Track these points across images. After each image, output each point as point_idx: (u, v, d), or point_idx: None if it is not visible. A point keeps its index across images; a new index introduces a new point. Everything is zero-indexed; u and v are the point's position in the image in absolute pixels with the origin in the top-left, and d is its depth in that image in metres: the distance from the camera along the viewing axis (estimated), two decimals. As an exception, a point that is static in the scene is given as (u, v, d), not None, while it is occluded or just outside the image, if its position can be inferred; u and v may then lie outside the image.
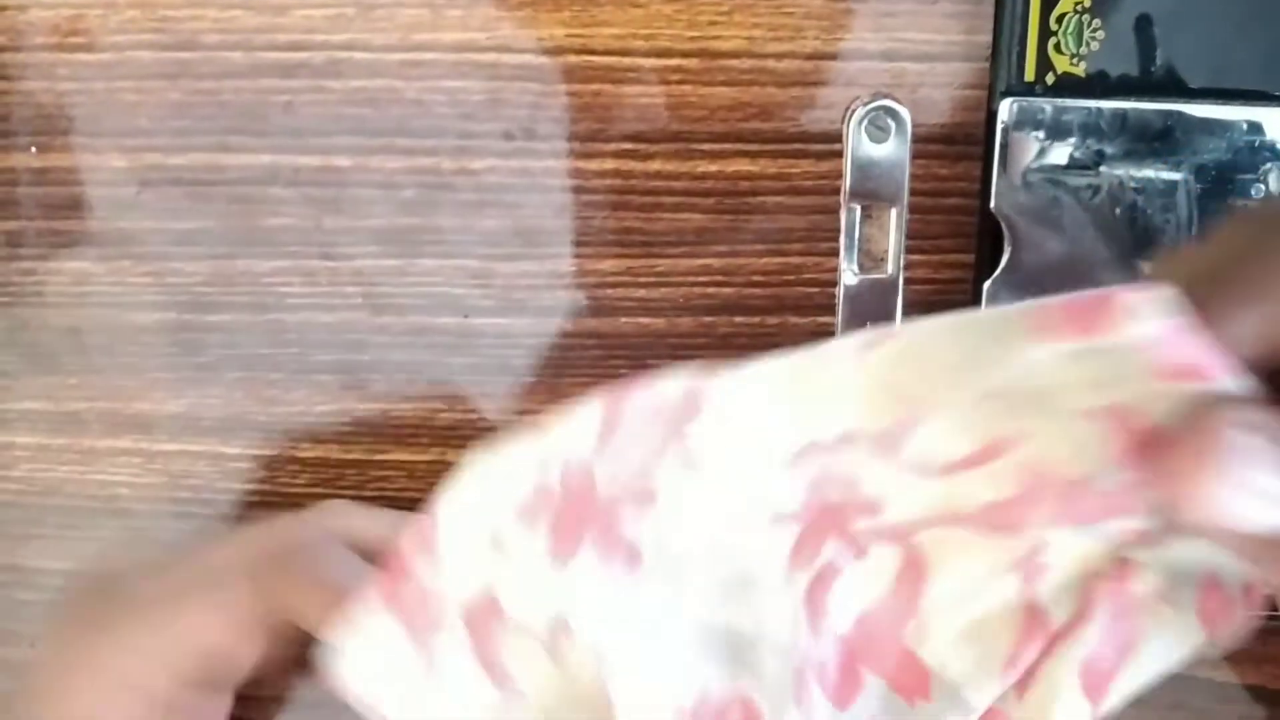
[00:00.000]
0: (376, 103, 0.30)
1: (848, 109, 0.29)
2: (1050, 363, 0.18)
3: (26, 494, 0.33)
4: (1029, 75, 0.29)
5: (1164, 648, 0.20)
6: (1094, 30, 0.28)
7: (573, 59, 0.29)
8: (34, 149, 0.31)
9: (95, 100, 0.30)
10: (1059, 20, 0.28)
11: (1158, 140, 0.29)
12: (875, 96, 0.29)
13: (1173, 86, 0.28)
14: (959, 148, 0.29)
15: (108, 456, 0.32)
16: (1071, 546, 0.20)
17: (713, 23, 0.29)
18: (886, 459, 0.20)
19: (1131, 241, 0.30)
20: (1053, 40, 0.28)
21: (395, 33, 0.29)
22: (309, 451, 0.32)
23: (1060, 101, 0.28)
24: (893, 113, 0.29)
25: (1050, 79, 0.28)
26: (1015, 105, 0.28)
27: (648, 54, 0.29)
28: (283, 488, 0.32)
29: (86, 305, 0.31)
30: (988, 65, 0.29)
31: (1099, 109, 0.29)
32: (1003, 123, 0.29)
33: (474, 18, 0.29)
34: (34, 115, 0.30)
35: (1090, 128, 0.29)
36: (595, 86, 0.29)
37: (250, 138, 0.30)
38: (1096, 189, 0.29)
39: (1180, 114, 0.29)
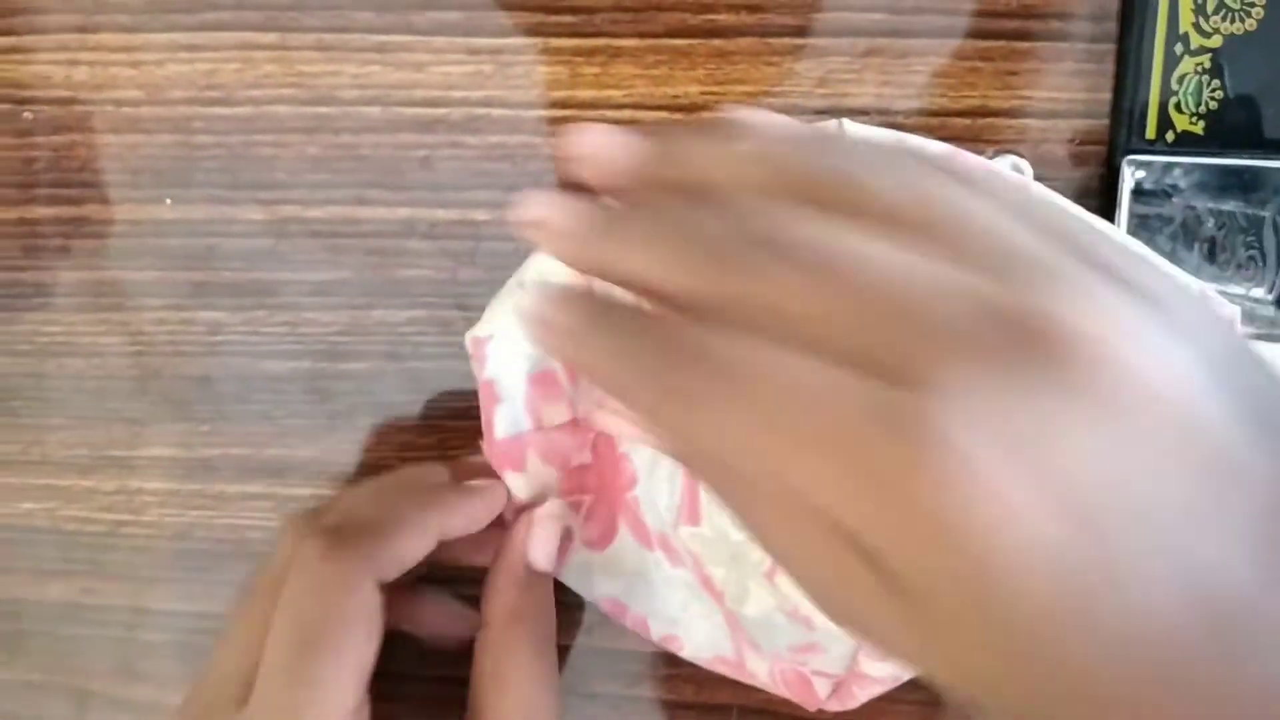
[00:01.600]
0: (514, 158, 0.30)
1: (972, 164, 0.30)
2: None
3: (156, 538, 0.33)
4: (1150, 133, 0.30)
5: None
6: (1213, 90, 0.29)
7: (707, 115, 0.30)
8: (169, 200, 0.31)
9: (232, 153, 0.31)
10: (1179, 80, 0.29)
11: (1266, 188, 0.30)
12: (999, 151, 0.30)
13: (1286, 143, 0.30)
14: (1080, 201, 0.30)
15: (238, 501, 0.33)
16: None
17: (844, 80, 0.30)
18: None
19: (1237, 277, 0.31)
20: (1173, 99, 0.29)
21: (533, 89, 0.30)
22: (439, 495, 0.32)
23: (1178, 159, 0.30)
24: (1016, 167, 0.30)
25: (1170, 136, 0.30)
26: (1136, 162, 0.30)
27: (779, 110, 0.30)
28: (413, 531, 0.33)
29: (220, 354, 0.32)
30: (1108, 122, 0.30)
31: (1216, 166, 0.30)
32: (1124, 178, 0.30)
33: (610, 75, 0.30)
34: (170, 168, 0.31)
35: (1203, 177, 0.30)
36: (728, 142, 0.30)
37: (387, 191, 0.31)
38: (1213, 239, 0.30)
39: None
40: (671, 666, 0.33)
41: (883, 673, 0.28)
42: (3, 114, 0.31)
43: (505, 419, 0.29)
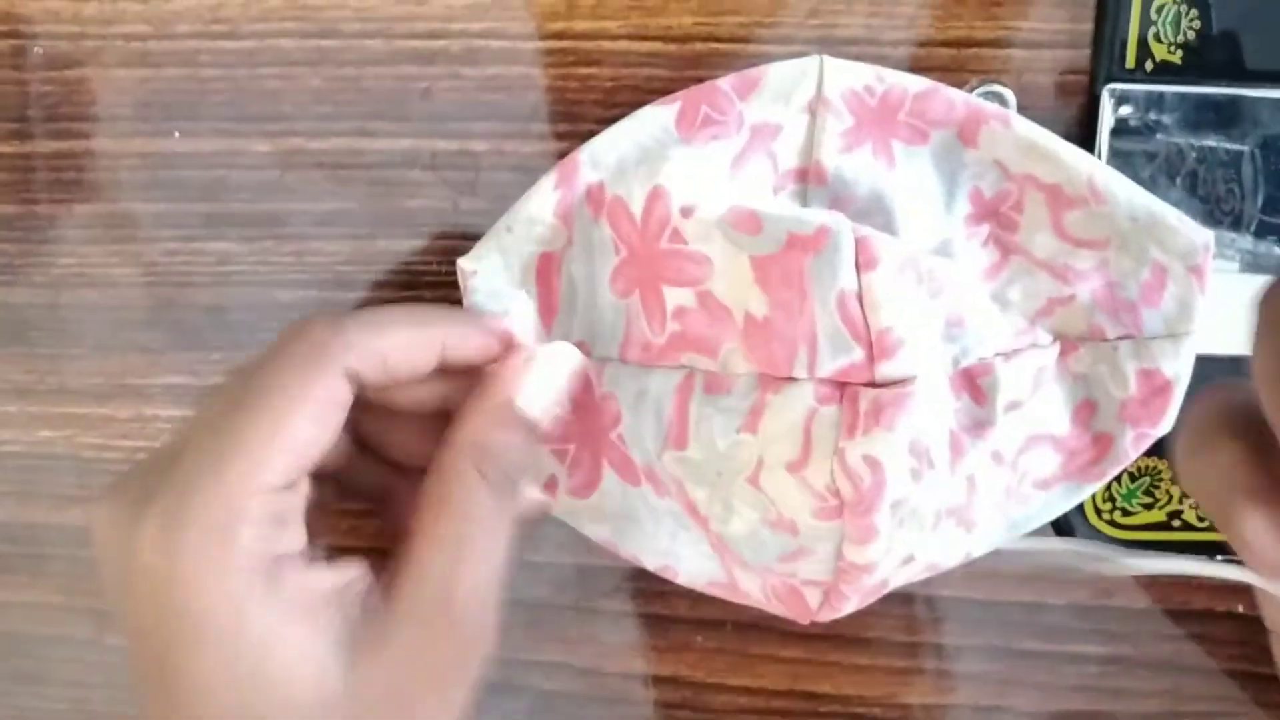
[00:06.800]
0: (512, 89, 0.31)
1: (959, 94, 0.31)
2: None
3: (171, 462, 0.35)
4: (1129, 62, 0.30)
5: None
6: (1191, 20, 0.30)
7: (700, 46, 0.31)
8: (178, 134, 0.32)
9: (238, 86, 0.32)
10: (1158, 10, 0.30)
11: (1245, 122, 0.31)
12: (984, 81, 0.31)
13: (1266, 73, 0.30)
14: (1062, 129, 0.31)
15: (250, 426, 0.34)
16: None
17: (834, 11, 0.30)
18: None
19: (1217, 211, 0.32)
20: (1152, 30, 0.30)
21: (530, 21, 0.31)
22: (443, 419, 0.34)
23: (1157, 87, 0.30)
24: (1000, 96, 0.31)
25: (1149, 66, 0.30)
26: (1116, 90, 0.30)
27: (771, 41, 0.31)
28: (419, 454, 0.34)
29: (230, 284, 0.33)
30: (1090, 52, 0.31)
31: (1193, 94, 0.31)
32: (1104, 107, 0.31)
33: (606, 7, 0.31)
34: (178, 101, 0.32)
35: (1184, 112, 0.31)
36: (721, 73, 0.31)
37: (390, 123, 0.31)
38: (1194, 173, 0.31)
39: (1274, 100, 0.31)
40: (668, 583, 0.34)
41: (867, 558, 0.28)
42: (13, 49, 0.32)
43: None
